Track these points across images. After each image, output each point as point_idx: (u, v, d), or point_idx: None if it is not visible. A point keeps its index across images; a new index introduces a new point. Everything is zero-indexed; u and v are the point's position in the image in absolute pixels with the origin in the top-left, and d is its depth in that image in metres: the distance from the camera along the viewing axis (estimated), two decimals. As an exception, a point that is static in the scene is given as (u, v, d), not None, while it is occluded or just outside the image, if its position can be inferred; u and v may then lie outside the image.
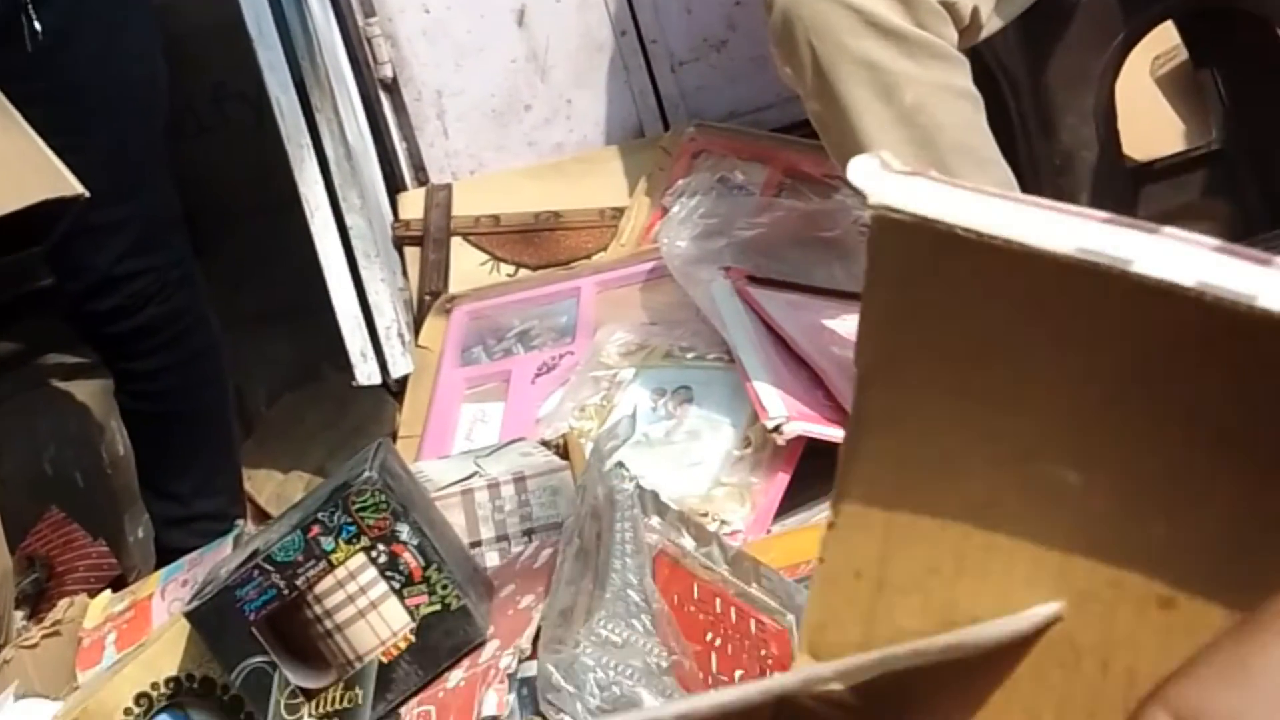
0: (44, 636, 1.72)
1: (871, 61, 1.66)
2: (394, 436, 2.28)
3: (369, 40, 2.65)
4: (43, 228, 1.98)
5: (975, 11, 1.72)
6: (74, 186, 1.71)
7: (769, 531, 1.86)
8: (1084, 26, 1.92)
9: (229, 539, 1.77)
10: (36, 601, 2.12)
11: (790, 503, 1.89)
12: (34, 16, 1.92)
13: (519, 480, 1.62)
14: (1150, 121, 2.33)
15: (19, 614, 2.00)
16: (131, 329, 2.14)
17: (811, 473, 1.89)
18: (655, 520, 1.40)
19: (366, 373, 2.45)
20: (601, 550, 1.33)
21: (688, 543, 1.41)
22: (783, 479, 1.88)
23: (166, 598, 1.73)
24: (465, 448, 2.11)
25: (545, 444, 1.78)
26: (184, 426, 2.26)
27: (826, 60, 1.67)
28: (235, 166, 3.35)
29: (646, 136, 2.67)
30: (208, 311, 2.26)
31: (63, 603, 1.81)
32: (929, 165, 1.68)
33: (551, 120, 2.68)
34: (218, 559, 1.63)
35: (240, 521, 2.03)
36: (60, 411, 2.67)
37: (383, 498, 1.38)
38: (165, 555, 2.17)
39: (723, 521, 1.88)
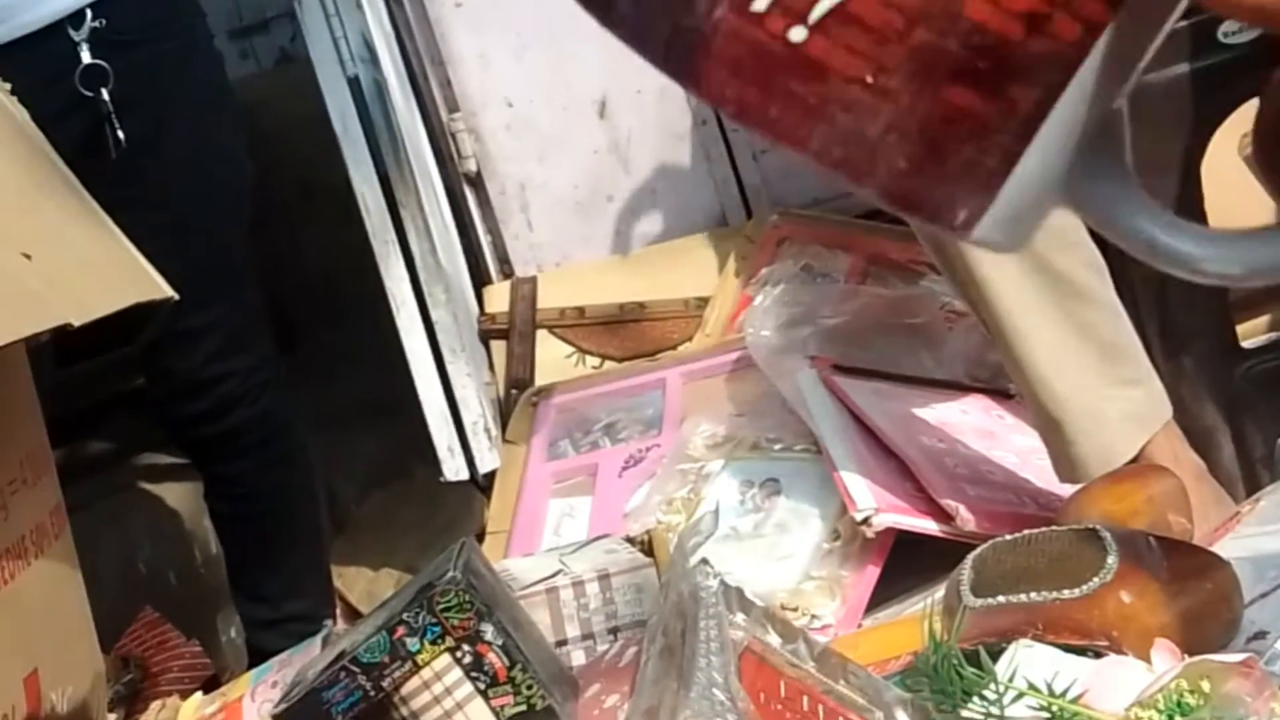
0: (136, 739, 1.73)
1: None
2: (483, 532, 2.28)
3: (453, 135, 2.68)
4: (134, 329, 2.02)
5: None
6: (163, 290, 1.73)
7: (860, 625, 1.84)
8: (1164, 107, 1.89)
9: (318, 639, 1.77)
10: (131, 702, 2.13)
11: (881, 595, 1.87)
12: (117, 125, 1.95)
13: (603, 578, 1.61)
14: (1239, 200, 2.29)
15: (113, 716, 2.01)
16: (220, 432, 2.16)
17: (902, 565, 1.87)
18: (740, 617, 1.38)
19: (454, 468, 2.46)
20: (686, 648, 1.32)
21: (773, 640, 1.39)
22: (873, 572, 1.86)
23: (257, 699, 1.73)
24: (553, 542, 2.11)
25: (630, 540, 1.77)
26: (272, 529, 2.27)
27: None
28: (323, 262, 3.39)
29: (730, 225, 2.68)
30: (294, 412, 2.28)
31: (155, 705, 1.82)
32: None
33: (635, 211, 2.69)
34: (306, 660, 1.63)
35: (329, 622, 2.03)
36: (153, 511, 2.69)
37: (466, 597, 1.37)
38: (256, 657, 2.17)
39: (813, 616, 1.85)
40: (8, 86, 1.77)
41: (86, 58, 1.95)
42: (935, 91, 0.43)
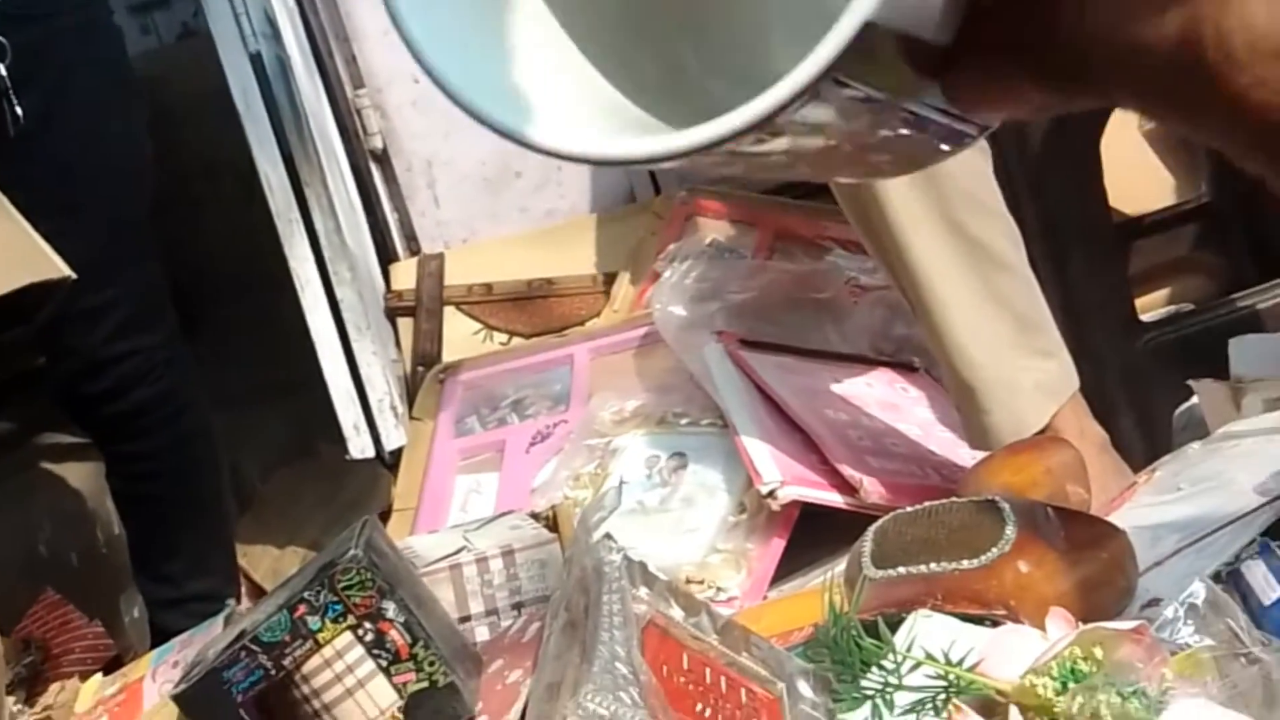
0: (35, 722, 1.71)
1: None
2: (389, 509, 2.27)
3: (358, 111, 2.66)
4: (31, 309, 1.98)
5: None
6: (60, 269, 1.71)
7: (765, 597, 1.85)
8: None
9: (220, 619, 1.75)
10: (32, 684, 2.10)
11: (786, 568, 1.88)
12: (15, 102, 1.92)
13: (507, 554, 1.60)
14: (1139, 176, 2.33)
15: (12, 699, 1.99)
16: (122, 411, 2.13)
17: (807, 538, 1.88)
18: (644, 591, 1.39)
19: (360, 446, 2.45)
20: (589, 623, 1.32)
21: (676, 613, 1.39)
22: (778, 544, 1.87)
23: (158, 679, 1.71)
24: (460, 519, 2.10)
25: (535, 516, 1.77)
26: (175, 508, 2.25)
27: None
28: (227, 241, 3.35)
29: (638, 202, 2.68)
30: (198, 391, 2.26)
31: (54, 687, 1.80)
32: (939, 214, 1.68)
33: (542, 187, 2.69)
34: (208, 639, 1.62)
35: (232, 601, 2.02)
36: (54, 492, 2.65)
37: (368, 575, 1.37)
38: (160, 637, 2.16)
39: (719, 589, 1.86)
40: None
41: None
42: None
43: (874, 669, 1.17)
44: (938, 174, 1.67)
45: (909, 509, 1.47)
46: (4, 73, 1.92)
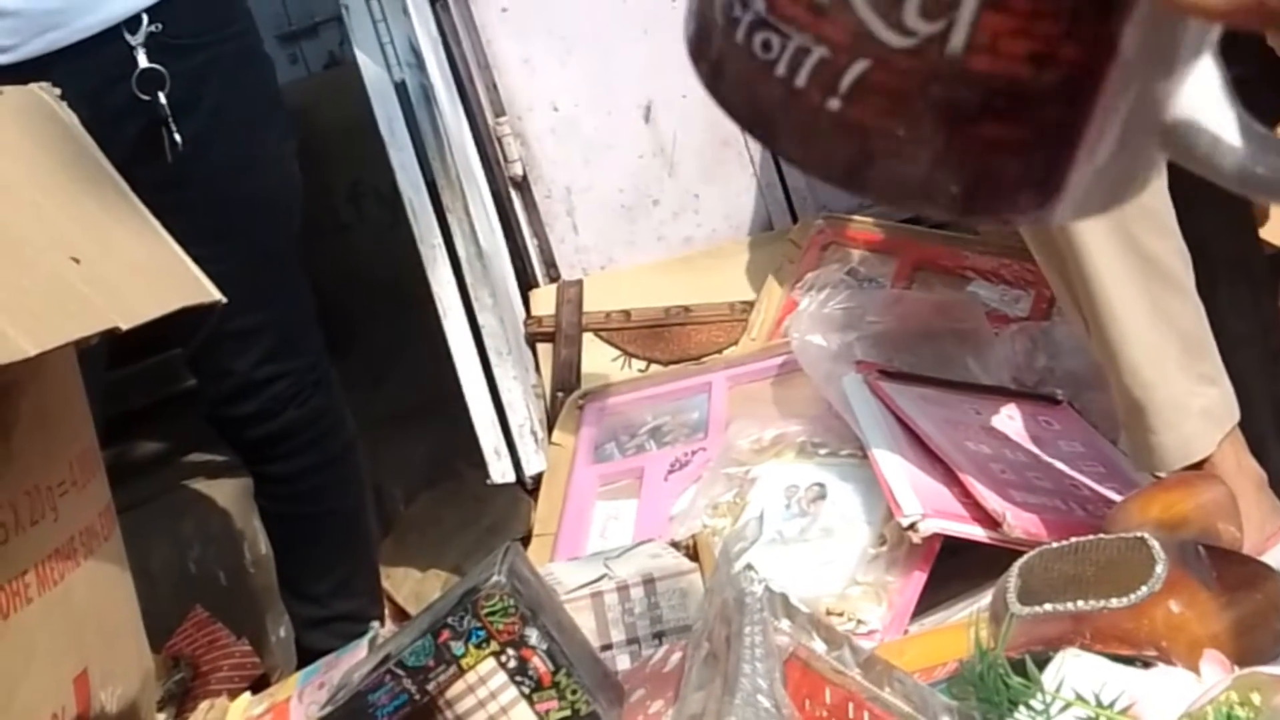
0: (184, 739, 1.74)
1: None
2: (529, 534, 2.29)
3: (499, 139, 2.69)
4: (184, 332, 2.03)
5: None
6: (211, 294, 1.74)
7: (906, 631, 1.83)
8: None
9: (364, 641, 1.77)
10: (181, 701, 2.14)
11: (927, 601, 1.86)
12: (174, 129, 1.97)
13: (648, 583, 1.61)
14: (1290, 206, 2.28)
15: (162, 715, 2.02)
16: (270, 433, 2.17)
17: (949, 571, 1.86)
18: (785, 623, 1.38)
19: (500, 471, 2.47)
20: (730, 655, 1.32)
21: (819, 646, 1.38)
22: (919, 577, 1.85)
23: (304, 700, 1.74)
24: (599, 545, 2.11)
25: (675, 545, 1.77)
26: (322, 528, 2.28)
27: None
28: (372, 264, 3.40)
29: (775, 229, 2.68)
30: (344, 413, 2.29)
31: (203, 705, 1.83)
32: (1116, 228, 1.65)
33: (680, 214, 2.70)
34: (353, 662, 1.64)
35: (376, 623, 2.04)
36: (204, 511, 2.71)
37: (511, 602, 1.38)
38: (305, 656, 2.18)
39: (859, 621, 1.85)
40: (57, 91, 1.79)
41: (143, 62, 1.97)
42: (966, 131, 0.46)
43: (1022, 708, 1.16)
44: None
45: (1056, 545, 1.46)
46: (164, 100, 1.97)
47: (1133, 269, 1.67)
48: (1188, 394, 1.68)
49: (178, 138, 1.97)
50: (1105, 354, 1.72)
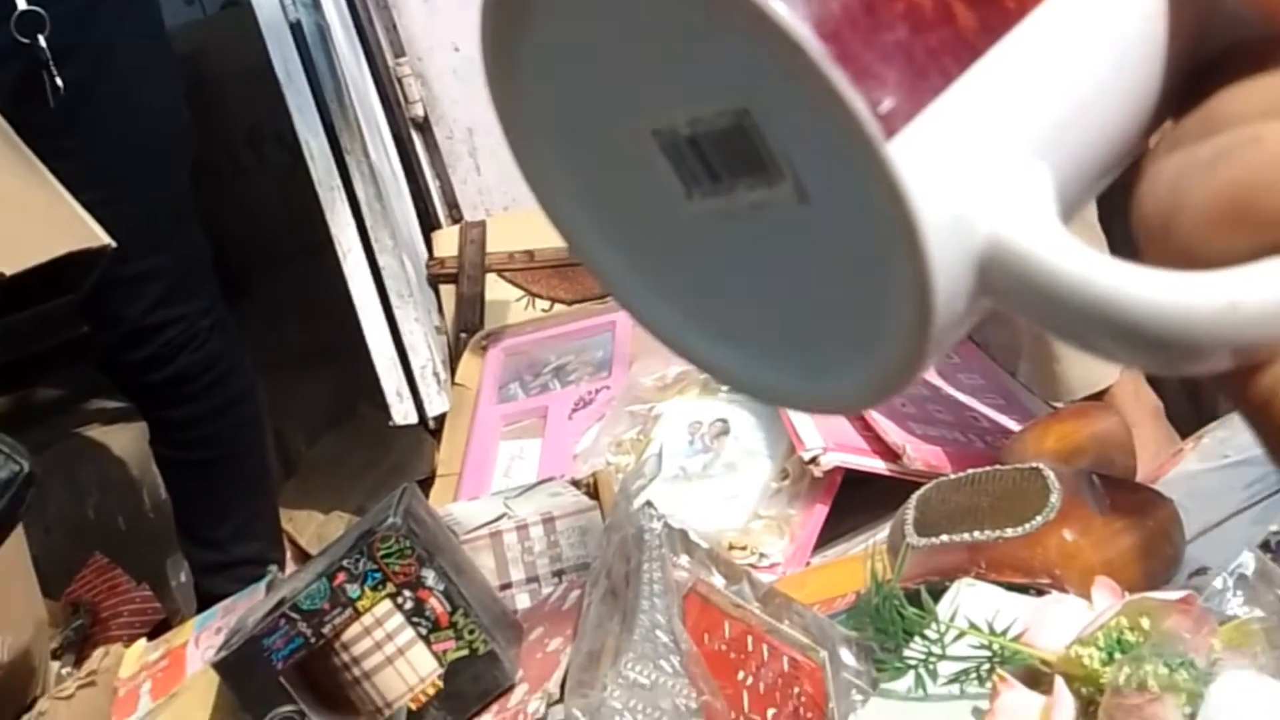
0: (79, 687, 1.72)
1: None
2: (433, 475, 2.28)
3: (399, 80, 2.66)
4: (74, 279, 1.99)
5: None
6: (100, 238, 1.71)
7: (808, 564, 1.84)
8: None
9: (262, 585, 1.76)
10: (81, 648, 2.12)
11: (830, 534, 1.87)
12: (55, 73, 1.92)
13: (548, 521, 1.60)
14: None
15: (57, 663, 2.00)
16: (165, 378, 2.14)
17: (851, 504, 1.87)
18: (684, 559, 1.38)
19: (403, 412, 2.45)
20: (629, 591, 1.31)
21: (718, 580, 1.38)
22: (821, 510, 1.86)
23: (201, 646, 1.72)
24: (503, 485, 2.10)
25: (576, 483, 1.76)
26: (220, 473, 2.25)
27: None
28: (272, 209, 3.36)
29: (679, 167, 2.66)
30: (242, 357, 2.26)
31: (98, 652, 1.80)
32: None
33: (585, 154, 2.68)
34: (249, 606, 1.62)
35: (275, 566, 2.02)
36: (101, 457, 2.67)
37: (407, 543, 1.37)
38: (206, 601, 2.16)
39: (762, 554, 1.85)
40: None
41: (22, 4, 1.92)
42: None
43: (917, 638, 1.16)
44: None
45: (952, 476, 1.46)
46: (44, 44, 1.92)
47: None
48: None
49: (59, 82, 1.93)
50: None
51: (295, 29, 2.50)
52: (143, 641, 1.83)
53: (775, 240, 0.40)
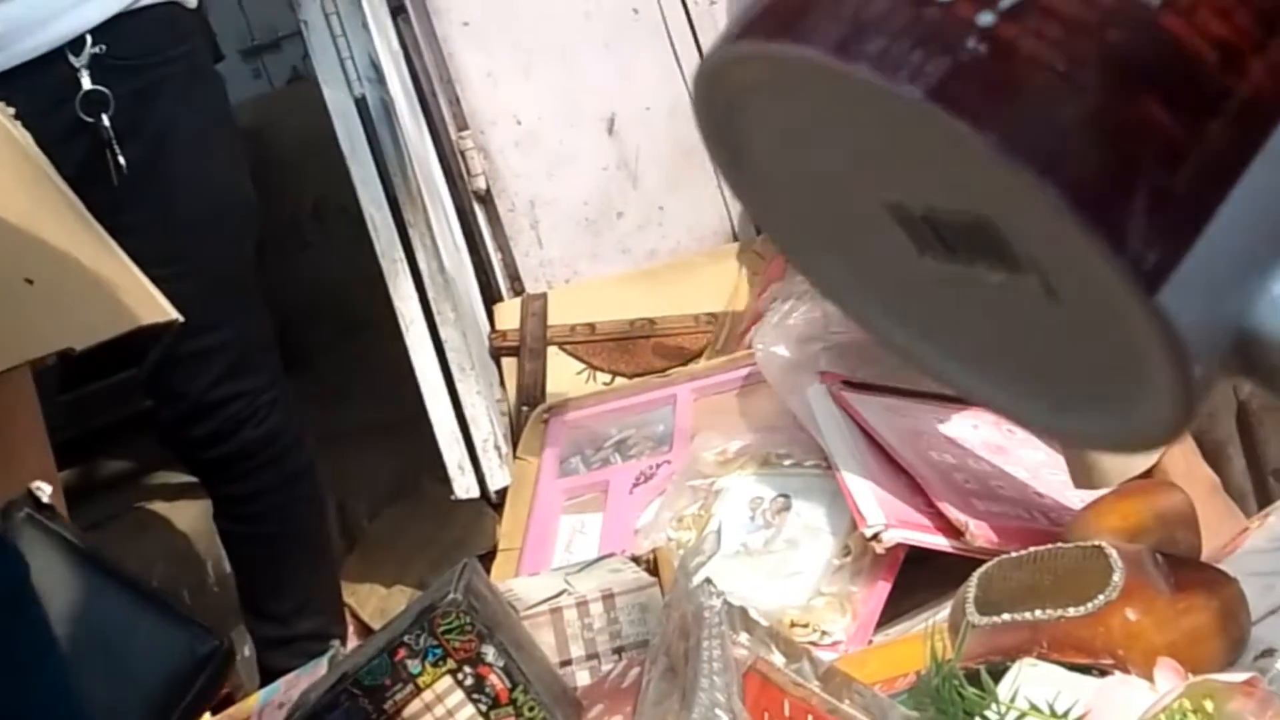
0: (146, 761, 1.72)
1: None
2: (495, 550, 2.28)
3: (462, 153, 2.68)
4: (139, 352, 2.01)
5: None
6: (169, 313, 1.73)
7: (870, 641, 1.83)
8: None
9: (325, 659, 1.76)
10: (145, 721, 2.13)
11: (892, 611, 1.86)
12: (118, 152, 1.95)
13: (608, 598, 1.60)
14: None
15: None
16: (226, 454, 2.16)
17: (914, 581, 1.86)
18: (744, 636, 1.38)
19: (465, 486, 2.46)
20: (689, 669, 1.31)
21: (777, 659, 1.38)
22: (883, 587, 1.85)
23: (264, 720, 1.73)
24: (564, 559, 2.10)
25: (636, 559, 1.76)
26: (281, 548, 2.26)
27: None
28: (336, 281, 3.39)
29: (740, 241, 2.67)
30: (303, 432, 2.28)
31: (162, 728, 1.81)
32: None
33: (644, 227, 2.69)
34: (312, 680, 1.63)
35: (337, 641, 2.03)
36: (166, 530, 2.69)
37: (467, 619, 1.37)
38: (268, 675, 2.17)
39: (824, 632, 1.85)
40: (11, 111, 1.78)
41: (87, 83, 1.95)
42: (1129, 96, 0.38)
43: (977, 718, 1.15)
44: None
45: (1014, 554, 1.45)
46: (107, 123, 1.95)
47: None
48: None
49: (122, 160, 1.95)
50: None
51: (360, 103, 2.54)
52: (208, 716, 1.84)
53: (1020, 302, 0.41)
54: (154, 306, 1.74)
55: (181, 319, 1.74)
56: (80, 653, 1.57)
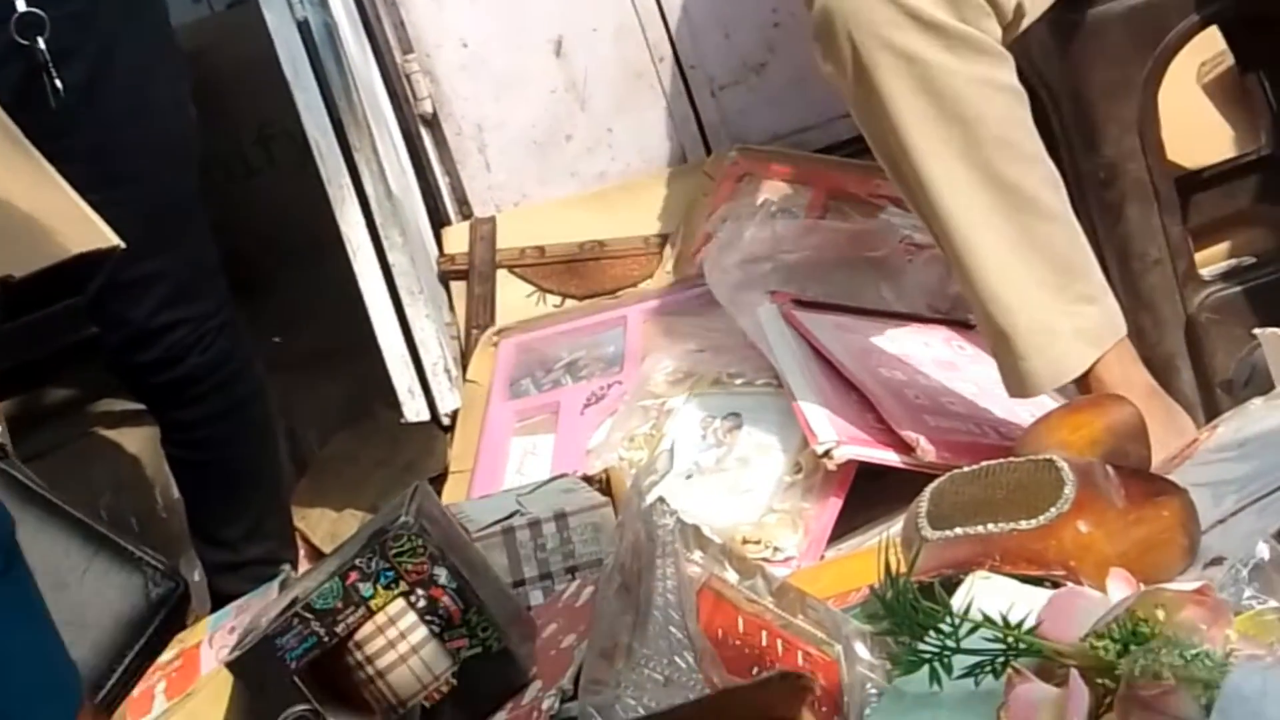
0: (95, 688, 1.72)
1: (911, 55, 1.63)
2: (446, 472, 2.28)
3: (407, 76, 2.65)
4: (81, 279, 1.99)
5: (1019, 6, 1.69)
6: (109, 239, 1.71)
7: (822, 557, 1.84)
8: (1124, 35, 1.88)
9: (275, 583, 1.76)
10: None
11: (843, 527, 1.87)
12: (55, 75, 1.92)
13: (560, 518, 1.60)
14: (1197, 128, 2.29)
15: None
16: (173, 380, 2.14)
17: (865, 497, 1.87)
18: (697, 554, 1.38)
19: (415, 409, 2.45)
20: (642, 587, 1.31)
21: (731, 576, 1.38)
22: (835, 504, 1.86)
23: (215, 645, 1.72)
24: (517, 481, 2.10)
25: (588, 479, 1.76)
26: (230, 473, 2.25)
27: (866, 54, 1.64)
28: (283, 208, 3.35)
29: (689, 162, 2.66)
30: (250, 358, 2.26)
31: (111, 652, 1.81)
32: (970, 161, 1.65)
33: (593, 149, 2.67)
34: (262, 605, 1.62)
35: (288, 565, 2.02)
36: (113, 457, 2.67)
37: (419, 542, 1.37)
38: (218, 601, 2.17)
39: (776, 548, 1.86)
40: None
41: (21, 5, 1.92)
42: None
43: (931, 631, 1.16)
44: (968, 120, 1.64)
45: (966, 469, 1.46)
46: (43, 46, 1.92)
47: (991, 199, 1.66)
48: (1058, 315, 1.67)
49: (59, 84, 1.92)
50: (966, 286, 1.71)
51: (303, 27, 2.49)
52: (154, 643, 1.84)
53: None
54: (94, 232, 1.71)
55: (123, 245, 1.72)
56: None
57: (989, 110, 1.66)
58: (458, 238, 2.62)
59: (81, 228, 1.69)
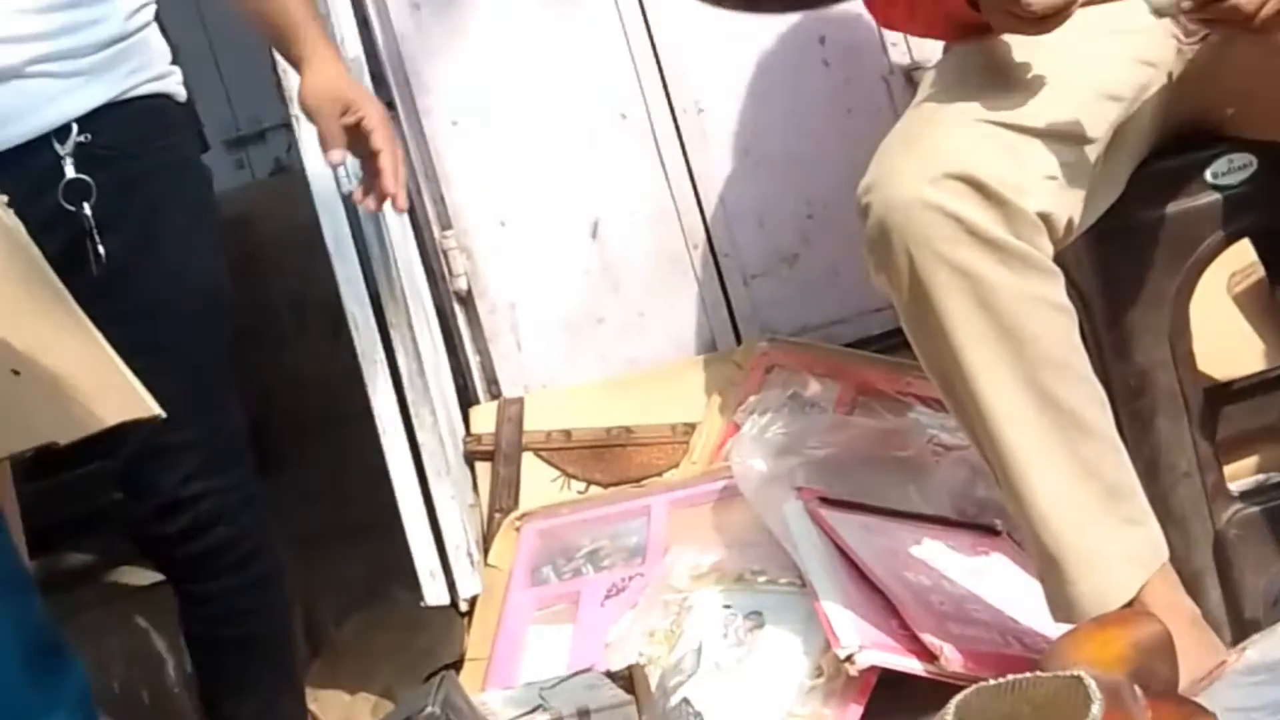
0: None
1: (969, 271, 1.62)
2: (463, 658, 2.25)
3: (445, 252, 2.69)
4: (111, 445, 1.98)
5: (1069, 223, 1.70)
6: (151, 408, 1.71)
7: (842, 764, 1.81)
8: (1157, 245, 1.90)
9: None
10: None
11: (863, 734, 1.85)
12: (98, 241, 1.95)
13: (584, 715, 1.59)
14: (1228, 340, 2.30)
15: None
16: (196, 552, 2.12)
17: (886, 704, 1.85)
18: (719, 760, 1.37)
19: (435, 593, 2.42)
20: (664, 793, 1.30)
21: (752, 784, 1.37)
22: (856, 710, 1.84)
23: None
24: (533, 671, 2.08)
25: (611, 675, 1.75)
26: (246, 651, 2.22)
27: (924, 269, 1.62)
28: (311, 378, 3.37)
29: (719, 350, 2.67)
30: (273, 535, 2.24)
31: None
32: (1025, 381, 1.64)
33: (624, 333, 2.69)
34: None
35: (298, 747, 1.99)
36: (128, 629, 2.65)
37: (441, 735, 1.35)
38: (228, 781, 2.13)
39: (795, 754, 1.83)
40: (4, 198, 1.77)
41: (70, 172, 1.95)
42: None
43: None
44: (1022, 339, 1.64)
45: (992, 682, 1.44)
46: (89, 212, 1.95)
47: (1043, 421, 1.65)
48: (1107, 540, 1.66)
49: (101, 250, 1.94)
50: (1014, 507, 1.69)
51: (347, 200, 2.52)
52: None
53: None
54: (137, 401, 1.71)
55: (164, 414, 1.72)
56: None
57: (1043, 330, 1.65)
58: (485, 417, 2.63)
59: (125, 396, 1.69)
